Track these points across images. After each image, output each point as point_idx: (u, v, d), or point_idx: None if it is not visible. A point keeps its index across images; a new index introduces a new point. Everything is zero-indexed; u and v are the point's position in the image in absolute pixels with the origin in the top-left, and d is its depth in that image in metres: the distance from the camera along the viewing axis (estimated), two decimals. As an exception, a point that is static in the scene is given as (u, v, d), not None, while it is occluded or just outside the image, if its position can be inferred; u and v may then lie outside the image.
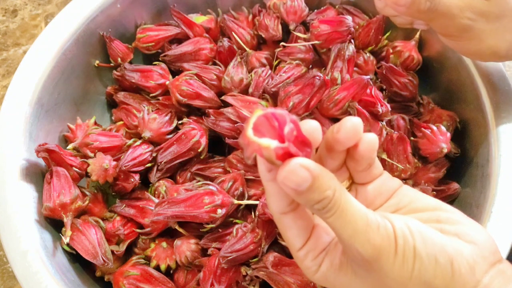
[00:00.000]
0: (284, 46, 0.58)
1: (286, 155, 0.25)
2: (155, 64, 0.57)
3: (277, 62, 0.59)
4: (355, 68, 0.58)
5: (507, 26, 0.44)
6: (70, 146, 0.51)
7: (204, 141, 0.51)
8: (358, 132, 0.28)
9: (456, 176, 0.55)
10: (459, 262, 0.26)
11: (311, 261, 0.29)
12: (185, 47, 0.58)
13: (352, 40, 0.57)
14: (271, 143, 0.24)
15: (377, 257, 0.26)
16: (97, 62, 0.59)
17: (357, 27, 0.60)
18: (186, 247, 0.47)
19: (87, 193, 0.49)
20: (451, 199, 0.54)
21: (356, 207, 0.26)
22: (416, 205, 0.30)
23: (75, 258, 0.47)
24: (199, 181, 0.50)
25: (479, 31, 0.44)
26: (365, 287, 0.28)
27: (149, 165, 0.51)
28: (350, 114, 0.50)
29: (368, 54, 0.59)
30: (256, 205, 0.46)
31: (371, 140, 0.29)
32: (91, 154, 0.50)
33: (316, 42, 0.56)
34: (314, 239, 0.29)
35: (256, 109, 0.25)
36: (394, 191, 0.32)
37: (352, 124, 0.28)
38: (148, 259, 0.48)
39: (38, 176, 0.49)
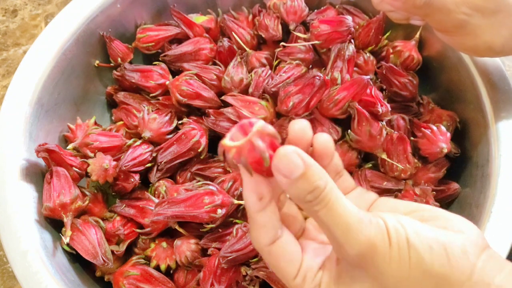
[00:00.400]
0: (284, 46, 0.58)
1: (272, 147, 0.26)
2: (155, 64, 0.57)
3: (277, 62, 0.59)
4: (355, 68, 0.58)
5: (503, 21, 0.44)
6: (70, 146, 0.51)
7: (204, 141, 0.51)
8: (306, 133, 0.29)
9: (456, 176, 0.55)
10: (453, 249, 0.27)
11: (311, 283, 0.29)
12: (185, 47, 0.58)
13: (352, 40, 0.57)
14: (258, 123, 0.25)
15: (372, 251, 0.26)
16: (97, 62, 0.59)
17: (357, 27, 0.60)
18: (186, 247, 0.47)
19: (87, 193, 0.49)
20: (451, 199, 0.54)
21: (347, 203, 0.26)
22: (398, 212, 0.30)
23: (75, 258, 0.47)
24: (199, 181, 0.50)
25: (475, 26, 0.44)
26: None
27: (149, 165, 0.51)
28: (350, 114, 0.50)
29: (368, 54, 0.59)
30: (256, 205, 0.46)
31: (323, 139, 0.30)
32: (91, 154, 0.50)
33: (316, 42, 0.56)
34: (308, 261, 0.29)
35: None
36: (371, 204, 0.32)
37: (300, 125, 0.29)
38: (148, 259, 0.48)
39: (38, 176, 0.49)
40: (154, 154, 0.52)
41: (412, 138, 0.53)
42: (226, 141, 0.26)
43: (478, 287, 0.26)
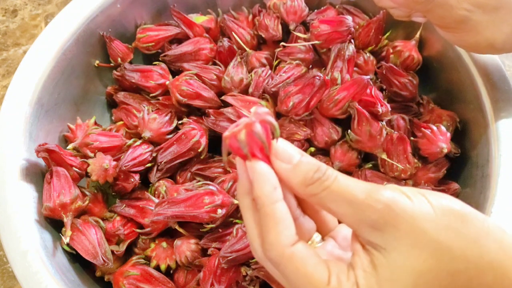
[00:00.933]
0: (284, 46, 0.58)
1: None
2: (155, 64, 0.57)
3: (277, 62, 0.59)
4: (355, 68, 0.58)
5: (504, 17, 0.44)
6: (70, 146, 0.51)
7: (204, 141, 0.51)
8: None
9: (456, 176, 0.55)
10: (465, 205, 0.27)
11: (347, 282, 0.26)
12: (185, 47, 0.58)
13: (352, 40, 0.57)
14: (253, 109, 0.27)
15: (396, 202, 0.26)
16: (97, 62, 0.59)
17: (357, 27, 0.60)
18: (186, 247, 0.47)
19: (87, 193, 0.49)
20: (451, 199, 0.54)
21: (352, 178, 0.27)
22: None
23: (75, 258, 0.47)
24: (199, 181, 0.50)
25: (476, 23, 0.44)
26: (406, 261, 0.25)
27: (149, 165, 0.51)
28: (350, 114, 0.50)
29: (368, 54, 0.59)
30: (256, 205, 0.46)
31: None
32: (91, 154, 0.50)
33: (316, 42, 0.56)
34: (333, 264, 0.27)
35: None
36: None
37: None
38: (148, 259, 0.48)
39: (38, 176, 0.49)
40: (154, 154, 0.52)
41: (412, 138, 0.53)
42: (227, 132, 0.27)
43: (495, 232, 0.26)
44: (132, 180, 0.50)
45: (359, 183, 0.27)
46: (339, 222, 0.32)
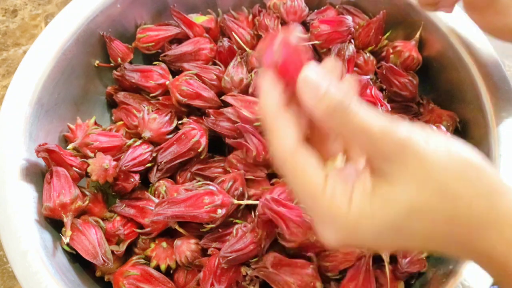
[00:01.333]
0: (284, 46, 0.58)
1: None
2: (155, 64, 0.57)
3: (277, 62, 0.58)
4: (355, 68, 0.58)
5: None
6: (70, 146, 0.51)
7: (204, 141, 0.51)
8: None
9: (456, 176, 0.54)
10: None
11: (341, 195, 0.26)
12: (185, 47, 0.58)
13: (352, 40, 0.57)
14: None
15: (411, 139, 0.26)
16: (97, 62, 0.59)
17: (357, 27, 0.60)
18: (186, 247, 0.47)
19: (87, 193, 0.49)
20: (451, 199, 0.54)
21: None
22: None
23: (75, 258, 0.47)
24: (199, 181, 0.50)
25: (506, 5, 0.43)
26: (407, 192, 0.26)
27: (149, 165, 0.51)
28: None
29: (368, 54, 0.59)
30: (256, 205, 0.46)
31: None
32: (91, 154, 0.50)
33: (316, 42, 0.56)
34: (339, 178, 0.27)
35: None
36: None
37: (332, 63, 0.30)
38: (148, 259, 0.48)
39: (38, 176, 0.49)
40: (154, 154, 0.52)
41: (412, 138, 0.53)
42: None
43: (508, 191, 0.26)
44: (132, 180, 0.50)
45: (378, 118, 0.26)
46: None
